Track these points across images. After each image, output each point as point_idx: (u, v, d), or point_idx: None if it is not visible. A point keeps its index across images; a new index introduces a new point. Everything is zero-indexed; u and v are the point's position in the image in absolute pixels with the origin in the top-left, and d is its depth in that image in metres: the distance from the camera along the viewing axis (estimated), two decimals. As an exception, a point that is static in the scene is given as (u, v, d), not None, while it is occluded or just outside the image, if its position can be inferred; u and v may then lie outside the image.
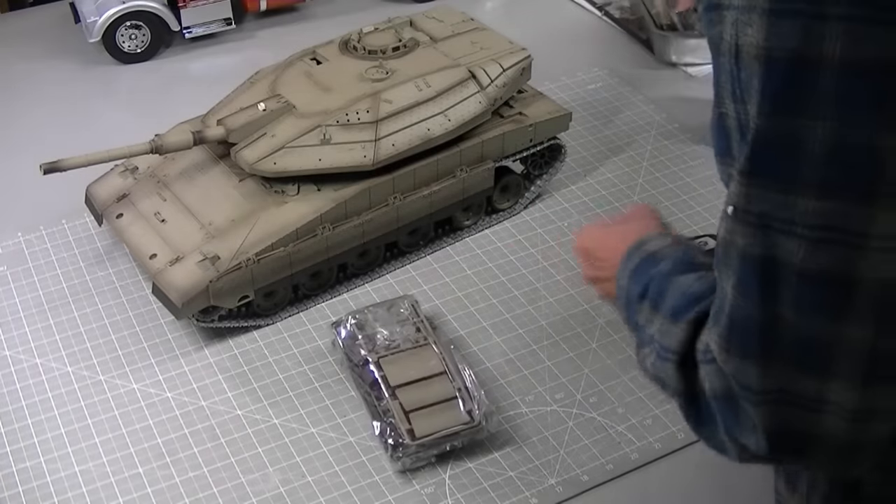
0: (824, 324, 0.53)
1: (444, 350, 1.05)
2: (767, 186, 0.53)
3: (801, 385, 0.55)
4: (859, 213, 0.50)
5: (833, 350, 0.54)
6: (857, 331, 0.53)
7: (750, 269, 0.55)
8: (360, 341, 1.06)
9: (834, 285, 0.52)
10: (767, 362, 0.56)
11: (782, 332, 0.55)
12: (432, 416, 0.98)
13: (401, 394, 1.00)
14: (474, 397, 1.00)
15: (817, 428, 0.56)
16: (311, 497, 0.96)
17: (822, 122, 0.50)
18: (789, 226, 0.53)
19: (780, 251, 0.54)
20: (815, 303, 0.53)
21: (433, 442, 0.97)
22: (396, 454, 0.96)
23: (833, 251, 0.52)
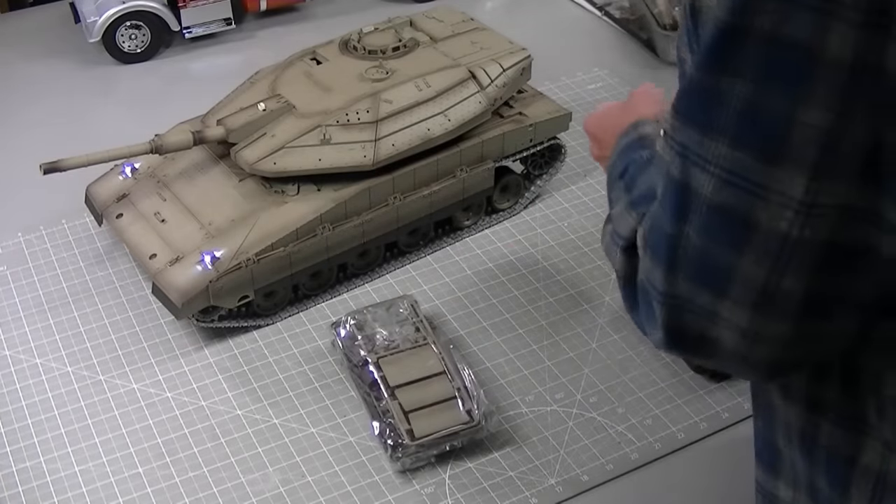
0: (723, 253, 0.59)
1: (443, 350, 1.05)
2: (689, 125, 0.59)
3: (699, 298, 0.61)
4: (763, 169, 0.56)
5: (729, 276, 0.59)
6: (751, 267, 0.58)
7: (670, 187, 0.62)
8: (359, 342, 1.06)
9: (735, 223, 0.58)
10: (671, 271, 0.62)
11: (687, 249, 0.61)
12: (432, 416, 0.98)
13: (400, 394, 1.00)
14: (473, 397, 1.00)
15: (710, 334, 0.62)
16: (310, 497, 0.96)
17: (743, 83, 0.55)
18: (703, 162, 0.59)
19: (693, 181, 0.59)
20: (717, 233, 0.59)
21: (433, 442, 0.97)
22: (396, 454, 0.96)
23: (737, 194, 0.57)
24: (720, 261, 0.59)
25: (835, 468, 0.66)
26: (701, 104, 0.58)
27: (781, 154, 0.55)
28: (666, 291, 0.63)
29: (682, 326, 0.63)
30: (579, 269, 1.22)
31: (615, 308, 1.16)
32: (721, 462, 1.00)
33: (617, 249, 0.73)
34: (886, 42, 0.51)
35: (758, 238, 0.57)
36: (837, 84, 0.53)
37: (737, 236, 0.58)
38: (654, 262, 0.64)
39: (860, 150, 0.54)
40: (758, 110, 0.55)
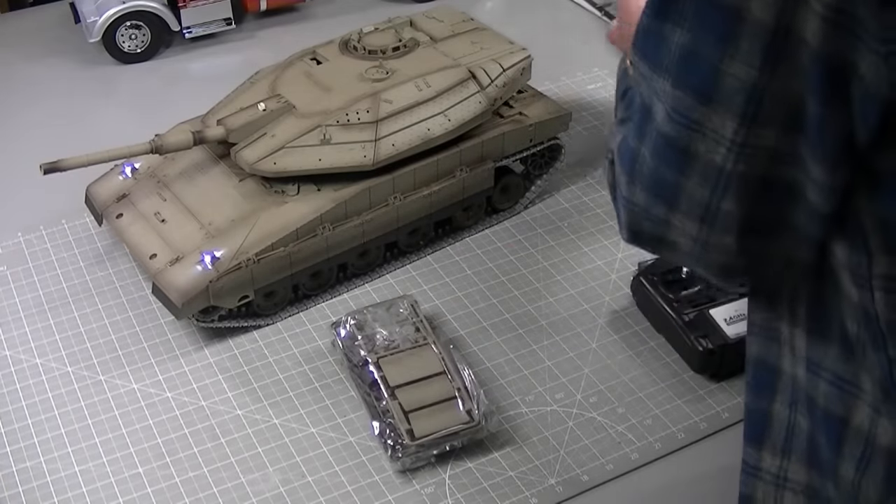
0: (671, 173, 0.64)
1: (443, 350, 1.05)
2: (642, 63, 0.65)
3: (654, 208, 0.67)
4: (699, 109, 0.61)
5: (677, 192, 0.65)
6: (697, 188, 0.63)
7: (637, 106, 0.68)
8: (359, 342, 1.06)
9: (680, 151, 0.63)
10: (632, 181, 0.68)
11: (643, 165, 0.67)
12: (432, 416, 0.98)
13: (400, 394, 1.00)
14: (473, 397, 1.00)
15: (667, 238, 0.68)
16: (310, 497, 0.96)
17: (682, 30, 0.61)
18: (653, 95, 0.64)
19: (648, 111, 0.65)
20: (665, 157, 0.64)
21: (433, 442, 0.97)
22: (396, 454, 0.96)
23: (680, 128, 0.62)
24: (669, 179, 0.65)
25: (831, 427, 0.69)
26: (650, 44, 0.64)
27: (713, 99, 0.60)
28: (628, 198, 0.69)
29: (642, 230, 0.70)
30: (579, 269, 1.22)
31: (615, 308, 1.16)
32: (721, 462, 1.00)
33: (606, 162, 0.78)
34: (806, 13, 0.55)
35: (697, 165, 0.63)
36: (760, 44, 0.57)
37: (681, 162, 0.63)
38: (620, 169, 0.70)
39: (783, 104, 0.58)
40: (693, 57, 0.60)
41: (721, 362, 1.06)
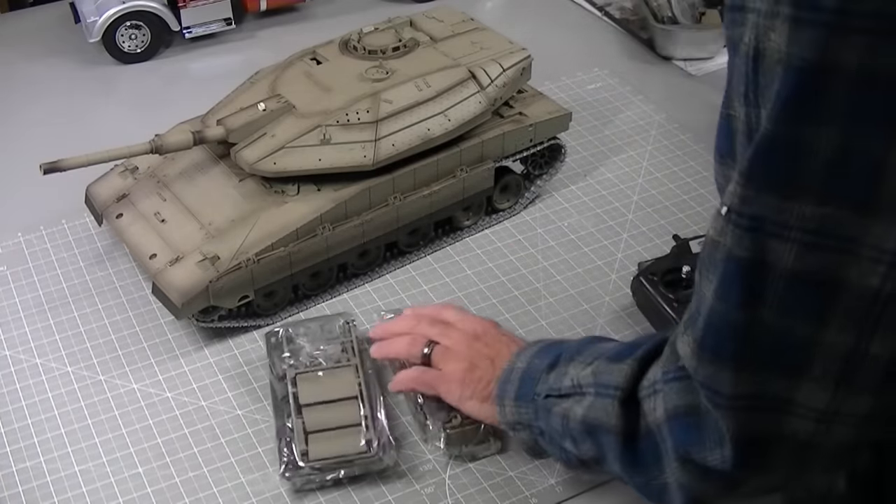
0: (805, 327, 0.54)
1: (364, 374, 1.02)
2: (766, 189, 0.54)
3: (771, 387, 0.56)
4: (855, 222, 0.51)
5: (810, 353, 0.54)
6: (837, 335, 0.54)
7: (734, 271, 0.56)
8: (284, 355, 1.04)
9: (819, 289, 0.53)
10: (741, 366, 0.57)
11: (760, 336, 0.56)
12: (331, 440, 0.96)
13: (306, 413, 0.98)
14: (377, 427, 0.97)
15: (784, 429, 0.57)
16: (311, 497, 0.96)
17: (830, 130, 0.50)
18: (782, 229, 0.53)
19: (769, 255, 0.54)
20: (799, 306, 0.54)
21: (326, 466, 0.94)
22: (286, 474, 0.95)
23: (824, 256, 0.52)
24: (799, 337, 0.54)
25: None
26: (780, 161, 0.53)
27: (875, 203, 0.51)
28: (735, 393, 0.57)
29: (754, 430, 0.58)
30: (579, 269, 1.22)
31: (615, 308, 1.16)
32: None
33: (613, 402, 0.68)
34: None
35: (845, 301, 0.53)
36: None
37: (820, 304, 0.53)
38: (718, 363, 0.58)
39: None
40: (849, 157, 0.50)
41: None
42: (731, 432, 0.59)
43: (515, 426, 0.90)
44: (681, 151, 1.40)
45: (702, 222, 1.27)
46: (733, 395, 0.58)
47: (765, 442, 0.59)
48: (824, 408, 0.56)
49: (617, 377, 0.70)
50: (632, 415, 0.68)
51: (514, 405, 0.89)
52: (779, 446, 0.58)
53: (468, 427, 0.98)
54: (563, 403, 0.79)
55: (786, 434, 0.58)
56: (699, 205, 1.30)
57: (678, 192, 1.33)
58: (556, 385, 0.81)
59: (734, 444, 0.59)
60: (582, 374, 0.78)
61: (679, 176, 1.36)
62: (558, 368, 0.83)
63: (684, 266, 1.12)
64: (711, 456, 0.62)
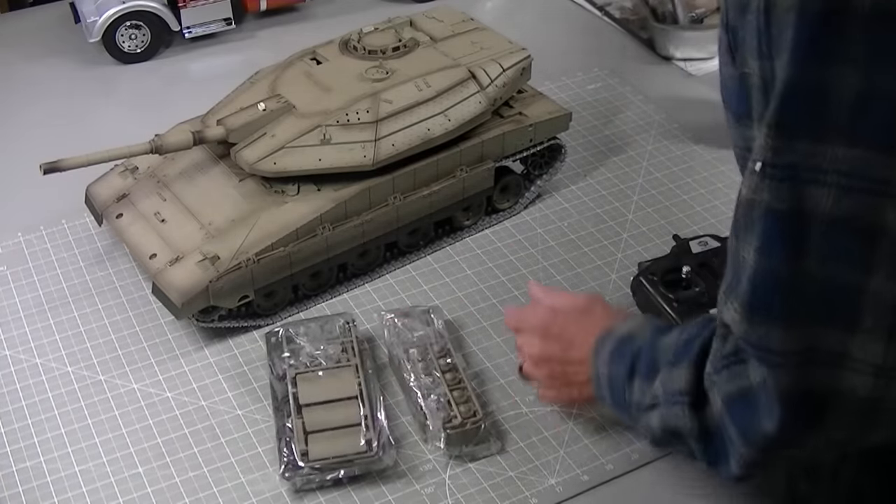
0: (850, 274, 0.54)
1: (364, 374, 1.02)
2: (796, 136, 0.54)
3: (826, 340, 0.55)
4: (885, 162, 0.51)
5: (859, 301, 0.54)
6: (883, 282, 0.53)
7: (776, 225, 0.56)
8: (284, 355, 1.04)
9: (860, 234, 0.53)
10: (792, 321, 0.56)
11: (808, 287, 0.55)
12: (330, 440, 0.96)
13: (306, 413, 0.98)
14: (377, 427, 0.98)
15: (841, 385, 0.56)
16: (310, 496, 0.96)
17: (851, 69, 0.50)
18: (817, 174, 0.53)
19: (807, 202, 0.54)
20: (842, 252, 0.53)
21: (326, 466, 0.95)
22: (286, 474, 0.95)
23: (860, 199, 0.52)
24: (846, 286, 0.54)
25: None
26: (806, 107, 0.53)
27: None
28: (787, 349, 0.57)
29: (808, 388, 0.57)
30: (579, 269, 1.22)
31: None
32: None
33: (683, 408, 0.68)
34: None
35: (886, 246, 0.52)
36: None
37: (862, 250, 0.53)
38: (766, 322, 0.58)
39: None
40: (870, 97, 0.51)
41: (721, 362, 1.06)
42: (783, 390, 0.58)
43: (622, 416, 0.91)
44: (681, 151, 1.40)
45: (701, 222, 1.27)
46: (787, 350, 0.57)
47: (821, 397, 0.58)
48: (881, 362, 0.55)
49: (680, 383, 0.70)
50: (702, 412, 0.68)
51: (613, 408, 0.89)
52: (837, 402, 0.57)
53: (468, 427, 0.98)
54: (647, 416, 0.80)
55: (843, 389, 0.57)
56: (699, 205, 1.30)
57: (678, 192, 1.33)
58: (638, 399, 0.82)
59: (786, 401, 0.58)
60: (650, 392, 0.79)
61: (679, 176, 1.36)
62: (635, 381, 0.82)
63: (684, 266, 1.12)
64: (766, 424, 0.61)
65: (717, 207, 1.29)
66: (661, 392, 0.75)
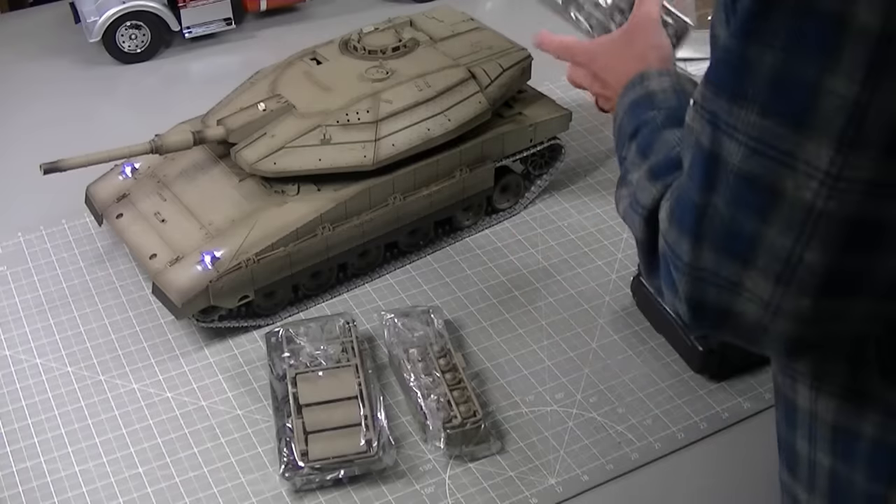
0: (750, 221, 0.59)
1: (364, 374, 1.02)
2: (719, 94, 0.60)
3: (724, 269, 0.62)
4: (791, 138, 0.56)
5: (755, 245, 0.59)
6: (778, 236, 0.58)
7: (698, 156, 0.62)
8: (284, 355, 1.04)
9: (762, 191, 0.58)
10: (698, 242, 0.63)
11: (714, 219, 0.61)
12: (330, 440, 0.96)
13: (306, 413, 0.98)
14: (377, 427, 0.98)
15: (734, 307, 0.62)
16: (310, 496, 0.96)
17: (772, 51, 0.56)
18: (732, 130, 0.59)
19: (722, 150, 0.60)
20: (745, 202, 0.59)
21: (326, 466, 0.95)
22: (286, 474, 0.95)
23: (766, 163, 0.57)
24: (746, 229, 0.59)
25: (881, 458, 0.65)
26: (732, 73, 0.58)
27: (808, 123, 0.55)
28: (691, 263, 0.63)
29: (705, 300, 0.64)
30: (579, 269, 1.22)
31: (615, 308, 1.16)
32: (721, 462, 1.00)
33: (639, 219, 0.74)
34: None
35: (783, 207, 0.57)
36: (864, 54, 0.52)
37: (763, 205, 0.58)
38: (680, 233, 0.64)
39: (887, 122, 0.53)
40: (786, 79, 0.55)
41: (721, 362, 1.06)
42: (685, 294, 0.65)
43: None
44: (681, 151, 1.40)
45: (702, 222, 1.27)
46: (691, 264, 0.63)
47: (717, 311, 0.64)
48: (768, 298, 0.60)
49: (646, 197, 0.74)
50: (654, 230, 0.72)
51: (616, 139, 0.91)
52: (729, 318, 0.63)
53: (468, 427, 0.98)
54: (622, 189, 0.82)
55: (736, 311, 0.63)
56: (699, 205, 1.30)
57: (678, 192, 1.33)
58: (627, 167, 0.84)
59: (688, 304, 0.65)
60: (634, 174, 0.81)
61: (679, 176, 1.36)
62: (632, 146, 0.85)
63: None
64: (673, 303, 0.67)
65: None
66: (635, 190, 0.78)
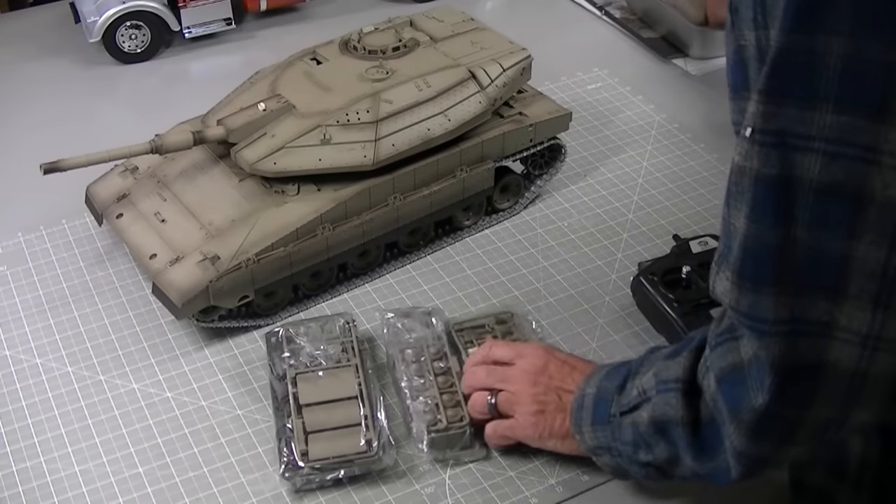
0: (837, 241, 0.54)
1: (364, 374, 1.02)
2: (785, 102, 0.55)
3: (813, 309, 0.56)
4: (872, 129, 0.52)
5: (845, 268, 0.55)
6: (870, 249, 0.54)
7: (765, 191, 0.57)
8: (284, 355, 1.04)
9: (847, 200, 0.53)
10: (781, 289, 0.57)
11: (796, 253, 0.56)
12: (331, 440, 0.96)
13: (306, 413, 0.98)
14: (377, 427, 0.97)
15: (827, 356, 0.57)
16: (310, 497, 0.96)
17: (839, 37, 0.51)
18: (806, 141, 0.54)
19: (796, 169, 0.55)
20: (829, 219, 0.54)
21: (326, 466, 0.94)
22: (286, 474, 0.95)
23: (847, 165, 0.53)
24: (834, 252, 0.55)
25: None
26: (795, 74, 0.54)
27: (888, 109, 0.52)
28: (777, 318, 0.58)
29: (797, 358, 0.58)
30: (579, 269, 1.22)
31: (615, 308, 1.16)
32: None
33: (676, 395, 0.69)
34: None
35: (872, 213, 0.53)
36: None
37: (849, 216, 0.54)
38: (758, 288, 0.59)
39: None
40: (858, 63, 0.52)
41: (721, 362, 1.06)
42: (774, 361, 0.59)
43: (596, 451, 0.90)
44: (681, 151, 1.40)
45: (702, 222, 1.27)
46: (775, 319, 0.58)
47: (808, 370, 0.58)
48: (867, 331, 0.56)
49: (675, 371, 0.71)
50: (695, 402, 0.68)
51: (591, 430, 0.88)
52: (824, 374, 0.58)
53: (452, 432, 0.98)
54: (633, 414, 0.79)
55: (830, 361, 0.57)
56: (699, 205, 1.30)
57: (678, 192, 1.33)
58: (626, 401, 0.82)
59: (776, 373, 0.59)
60: (645, 380, 0.78)
61: (679, 176, 1.36)
62: (627, 386, 0.83)
63: (684, 266, 1.12)
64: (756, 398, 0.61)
65: (717, 207, 1.28)
66: (654, 382, 0.75)
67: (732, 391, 0.64)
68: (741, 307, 0.61)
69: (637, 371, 0.83)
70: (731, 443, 0.67)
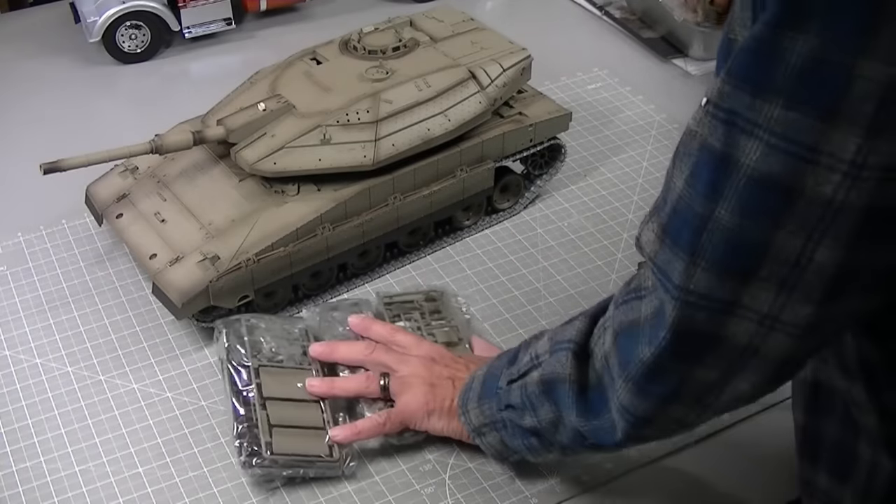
0: (759, 229, 0.57)
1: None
2: (742, 86, 0.57)
3: (720, 289, 0.60)
4: (818, 129, 0.54)
5: (761, 254, 0.57)
6: (788, 238, 0.57)
7: (705, 161, 0.60)
8: (245, 343, 1.04)
9: (777, 192, 0.56)
10: (693, 259, 0.60)
11: (714, 234, 0.59)
12: (295, 437, 0.96)
13: (270, 406, 0.98)
14: None
15: (724, 330, 0.61)
16: (310, 497, 0.96)
17: (806, 36, 0.53)
18: (752, 127, 0.57)
19: (737, 149, 0.57)
20: (754, 206, 0.57)
21: (288, 462, 0.94)
22: (249, 462, 0.94)
23: (785, 160, 0.55)
24: (752, 239, 0.57)
25: None
26: (758, 63, 0.56)
27: (837, 111, 0.53)
28: (682, 286, 0.61)
29: (694, 326, 0.62)
30: (579, 269, 1.22)
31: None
32: (721, 462, 1.00)
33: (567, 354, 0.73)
34: None
35: (799, 206, 0.55)
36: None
37: (776, 207, 0.56)
38: (674, 251, 0.62)
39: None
40: (820, 65, 0.53)
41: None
42: (672, 321, 0.63)
43: (481, 430, 0.92)
44: (681, 151, 1.40)
45: (702, 222, 1.27)
46: (682, 286, 0.61)
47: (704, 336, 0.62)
48: (767, 311, 0.59)
49: (570, 333, 0.74)
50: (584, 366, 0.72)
51: (477, 407, 0.91)
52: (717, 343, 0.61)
53: None
54: (523, 379, 0.83)
55: (726, 335, 0.61)
56: (699, 205, 1.30)
57: (678, 192, 1.33)
58: (517, 370, 0.85)
59: (672, 331, 0.63)
60: (539, 345, 0.82)
61: (679, 176, 1.36)
62: (519, 356, 0.86)
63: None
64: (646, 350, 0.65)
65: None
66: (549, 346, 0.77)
67: (626, 343, 0.68)
68: (658, 261, 0.64)
69: (530, 342, 0.86)
70: (618, 398, 0.71)
